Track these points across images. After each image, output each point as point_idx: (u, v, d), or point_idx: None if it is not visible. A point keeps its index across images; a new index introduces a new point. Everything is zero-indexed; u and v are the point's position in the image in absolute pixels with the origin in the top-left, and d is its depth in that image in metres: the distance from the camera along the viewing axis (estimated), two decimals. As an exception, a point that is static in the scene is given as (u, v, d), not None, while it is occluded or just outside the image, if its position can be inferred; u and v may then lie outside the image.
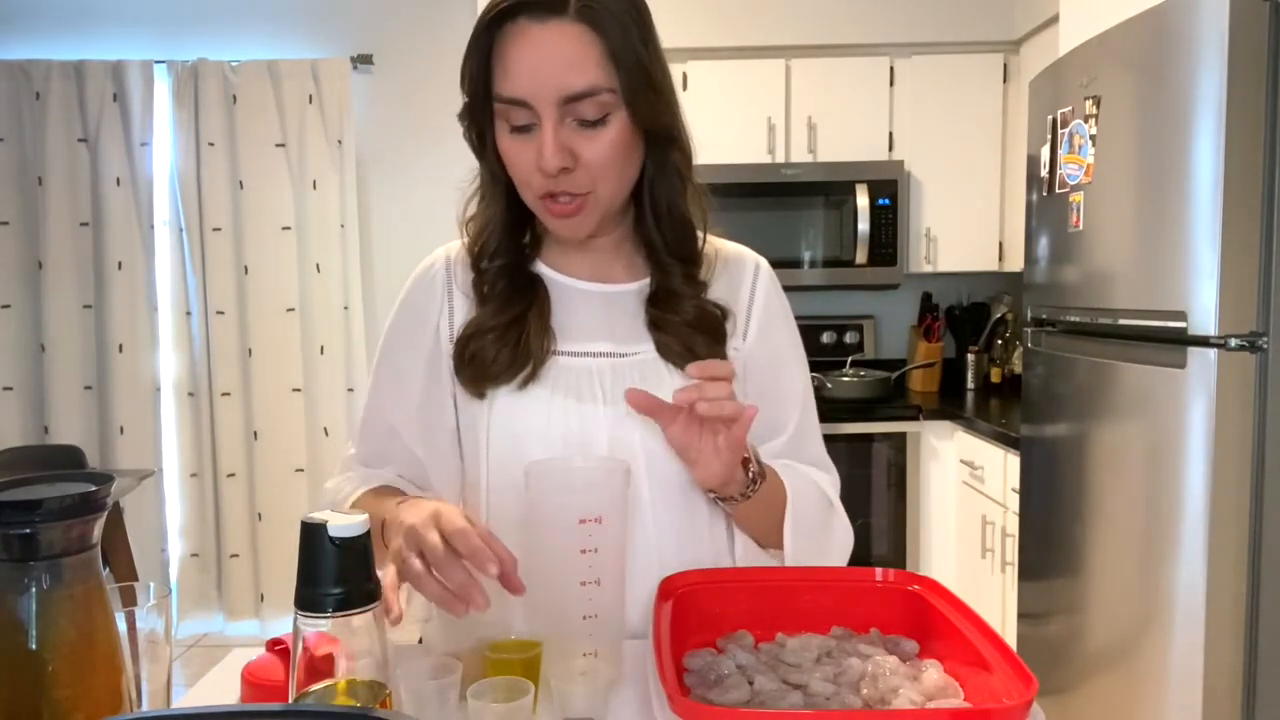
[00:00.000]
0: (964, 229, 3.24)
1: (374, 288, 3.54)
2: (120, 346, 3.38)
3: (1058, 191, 2.01)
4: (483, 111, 0.93)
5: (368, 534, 0.65)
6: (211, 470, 3.46)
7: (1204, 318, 1.56)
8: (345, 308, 3.45)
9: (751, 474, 0.94)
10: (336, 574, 0.63)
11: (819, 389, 3.10)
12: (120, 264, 3.36)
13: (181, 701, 0.89)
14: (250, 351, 3.43)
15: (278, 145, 3.37)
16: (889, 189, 3.13)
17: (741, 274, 1.08)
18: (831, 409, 2.99)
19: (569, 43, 0.87)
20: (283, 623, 3.41)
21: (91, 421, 3.41)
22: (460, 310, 1.04)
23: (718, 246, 1.08)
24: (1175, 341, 1.62)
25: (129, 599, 0.72)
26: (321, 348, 3.45)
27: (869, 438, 3.01)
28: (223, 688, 0.88)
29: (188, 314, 3.43)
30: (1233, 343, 1.55)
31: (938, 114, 3.18)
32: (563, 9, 0.87)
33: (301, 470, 3.45)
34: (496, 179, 0.99)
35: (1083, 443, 1.94)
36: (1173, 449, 1.64)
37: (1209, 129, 1.54)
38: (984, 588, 2.72)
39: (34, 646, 0.60)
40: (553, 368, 0.99)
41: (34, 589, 0.60)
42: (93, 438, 3.40)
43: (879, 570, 0.93)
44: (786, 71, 3.18)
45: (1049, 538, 2.11)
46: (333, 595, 0.63)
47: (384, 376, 1.07)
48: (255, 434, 3.45)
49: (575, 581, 0.84)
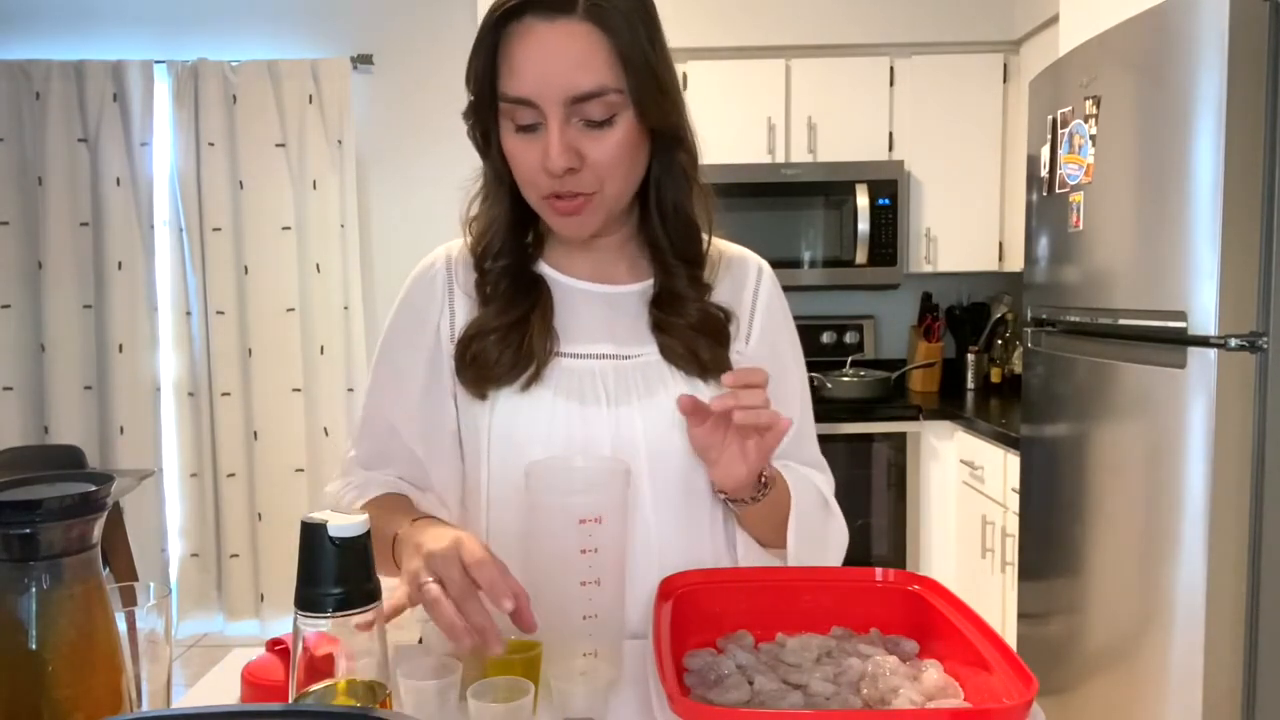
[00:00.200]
0: (964, 229, 3.24)
1: (374, 288, 3.54)
2: (120, 346, 3.38)
3: (1058, 191, 2.01)
4: (488, 110, 0.92)
5: (368, 534, 0.65)
6: (211, 470, 3.46)
7: (1204, 318, 1.56)
8: (345, 308, 3.45)
9: (764, 478, 0.94)
10: (336, 574, 0.63)
11: (819, 389, 3.11)
12: (120, 264, 3.36)
13: (181, 701, 0.89)
14: (250, 351, 3.43)
15: (278, 145, 3.37)
16: (889, 189, 3.13)
17: (745, 276, 1.08)
18: (831, 409, 2.98)
19: (576, 42, 0.86)
20: (283, 623, 3.41)
21: (91, 421, 3.42)
22: (461, 310, 1.03)
23: (721, 248, 1.08)
24: (1175, 341, 1.62)
25: (129, 599, 0.72)
26: (321, 348, 3.45)
27: (869, 438, 3.01)
28: (223, 688, 0.88)
29: (188, 314, 3.43)
30: (1233, 343, 1.55)
31: (938, 114, 3.18)
32: (571, 8, 0.86)
33: (301, 470, 3.45)
34: (500, 178, 0.98)
35: (1083, 443, 1.94)
36: (1173, 449, 1.64)
37: (1209, 129, 1.54)
38: (984, 588, 2.72)
39: (34, 646, 0.60)
40: (555, 369, 0.99)
41: (34, 589, 0.60)
42: (93, 438, 3.40)
43: (879, 570, 0.93)
44: (786, 71, 3.18)
45: (1049, 538, 2.10)
46: (333, 595, 0.63)
47: (384, 376, 1.06)
48: (255, 434, 3.45)
49: (575, 581, 0.84)
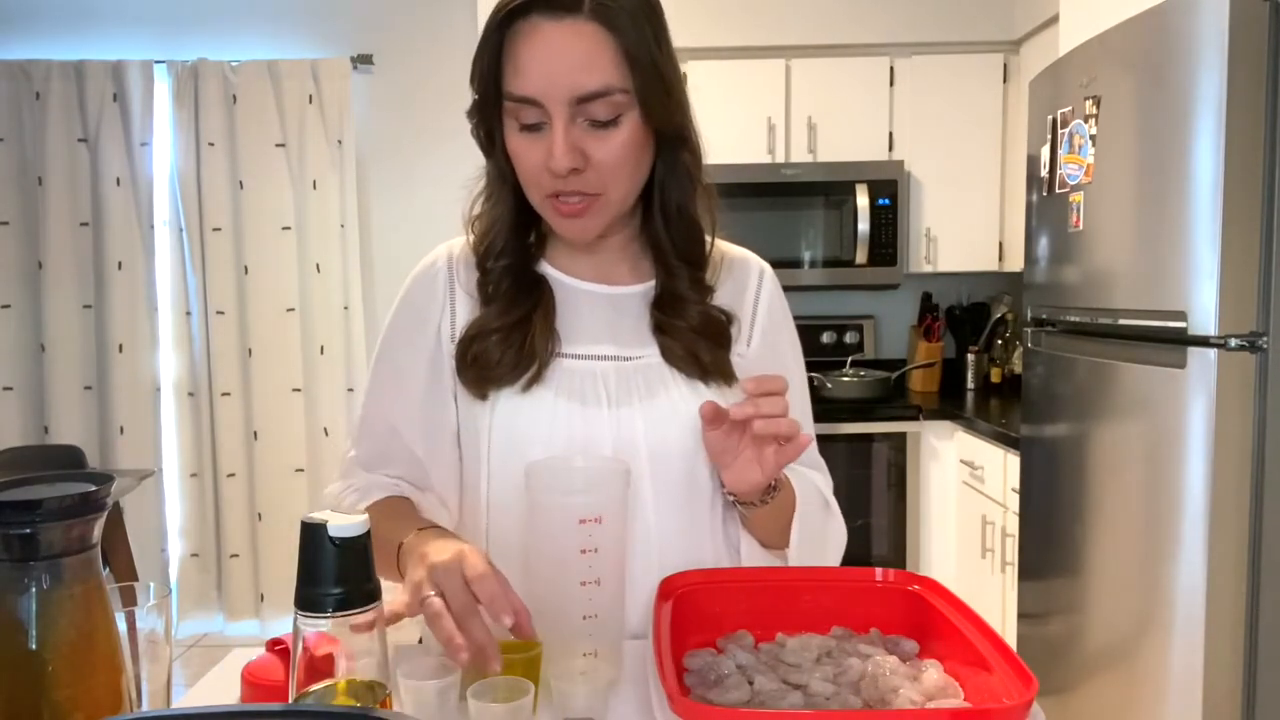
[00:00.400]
0: (964, 229, 3.24)
1: (374, 288, 3.54)
2: (120, 346, 3.38)
3: (1058, 191, 2.01)
4: (492, 109, 0.92)
5: (368, 534, 0.65)
6: (211, 470, 3.46)
7: (1204, 318, 1.56)
8: (345, 308, 3.45)
9: (774, 481, 0.94)
10: (336, 574, 0.63)
11: (819, 389, 3.10)
12: (120, 264, 3.36)
13: (181, 701, 0.89)
14: (250, 351, 3.43)
15: (278, 145, 3.37)
16: (889, 189, 3.13)
17: (746, 279, 1.08)
18: (831, 409, 2.98)
19: (582, 41, 0.86)
20: (283, 623, 3.41)
21: (91, 421, 3.42)
22: (462, 309, 1.02)
23: (723, 250, 1.08)
24: (1175, 341, 1.62)
25: (129, 599, 0.72)
26: (321, 348, 3.45)
27: (869, 438, 3.01)
28: (223, 688, 0.88)
29: (188, 314, 3.43)
30: (1233, 343, 1.55)
31: (938, 114, 3.18)
32: (577, 7, 0.85)
33: (301, 470, 3.45)
34: (504, 178, 0.98)
35: (1083, 443, 1.94)
36: (1173, 449, 1.64)
37: (1209, 129, 1.54)
38: (984, 588, 2.72)
39: (34, 646, 0.60)
40: (556, 370, 0.98)
41: (34, 589, 0.60)
42: (93, 438, 3.40)
43: (879, 570, 0.93)
44: (786, 71, 3.18)
45: (1049, 538, 2.10)
46: (333, 595, 0.63)
47: (384, 375, 1.05)
48: (255, 434, 3.45)
49: (575, 581, 0.84)
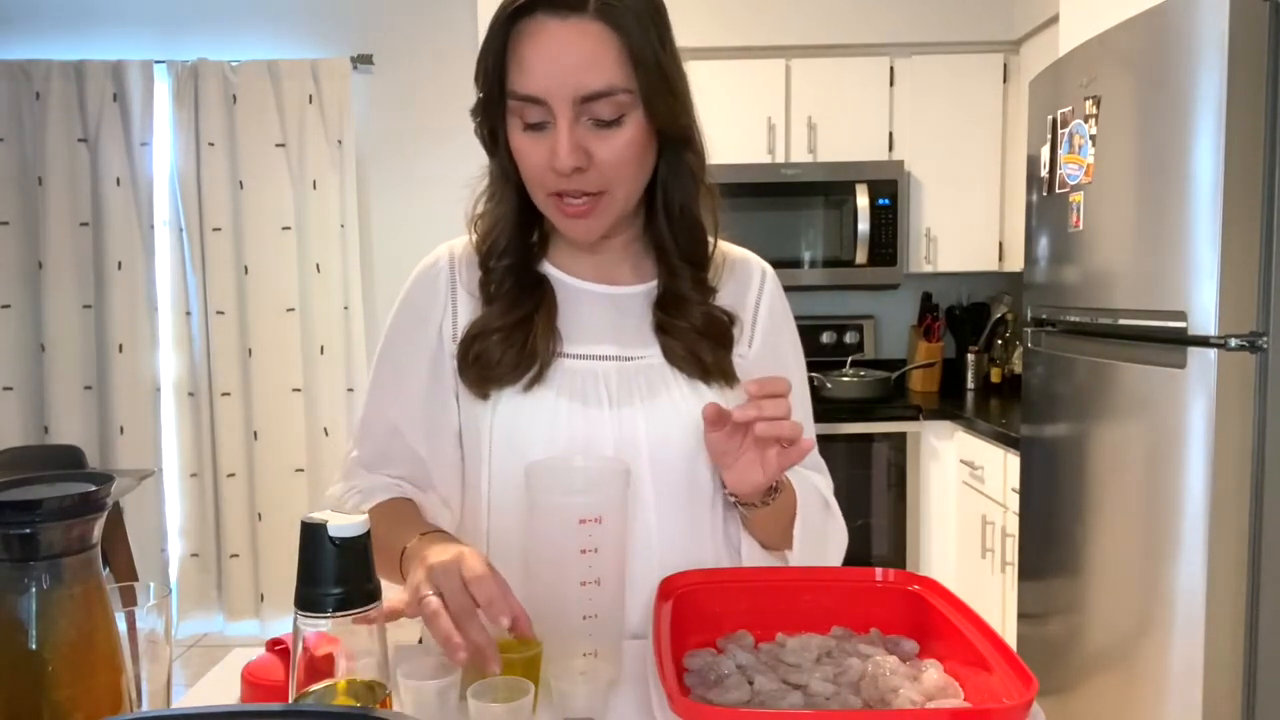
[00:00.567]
0: (964, 229, 3.24)
1: (374, 288, 3.54)
2: (120, 346, 3.38)
3: (1058, 191, 2.01)
4: (496, 108, 0.92)
5: (368, 534, 0.65)
6: (211, 470, 3.46)
7: (1204, 318, 1.56)
8: (345, 308, 3.45)
9: (775, 483, 0.94)
10: (336, 574, 0.63)
11: (819, 389, 3.10)
12: (120, 264, 3.36)
13: (181, 701, 0.89)
14: (250, 351, 3.43)
15: (278, 145, 3.37)
16: (889, 189, 3.13)
17: (748, 280, 1.08)
18: (831, 409, 2.98)
19: (587, 41, 0.86)
20: (283, 623, 3.41)
21: (91, 421, 3.42)
22: (464, 308, 1.02)
23: (725, 251, 1.08)
24: (1175, 341, 1.62)
25: (129, 599, 0.72)
26: (321, 348, 3.45)
27: (869, 438, 3.00)
28: (223, 688, 0.88)
29: (188, 314, 3.43)
30: (1233, 343, 1.55)
31: (938, 114, 3.18)
32: (582, 6, 0.86)
33: (301, 470, 3.45)
34: (507, 176, 0.98)
35: (1083, 443, 1.94)
36: (1173, 449, 1.64)
37: (1209, 129, 1.54)
38: (984, 588, 2.72)
39: (34, 646, 0.60)
40: (558, 370, 0.98)
41: (34, 589, 0.60)
42: (93, 438, 3.40)
43: (879, 570, 0.93)
44: (786, 71, 3.18)
45: (1049, 538, 2.10)
46: (333, 595, 0.63)
47: (385, 376, 1.05)
48: (255, 434, 3.45)
49: (575, 581, 0.84)
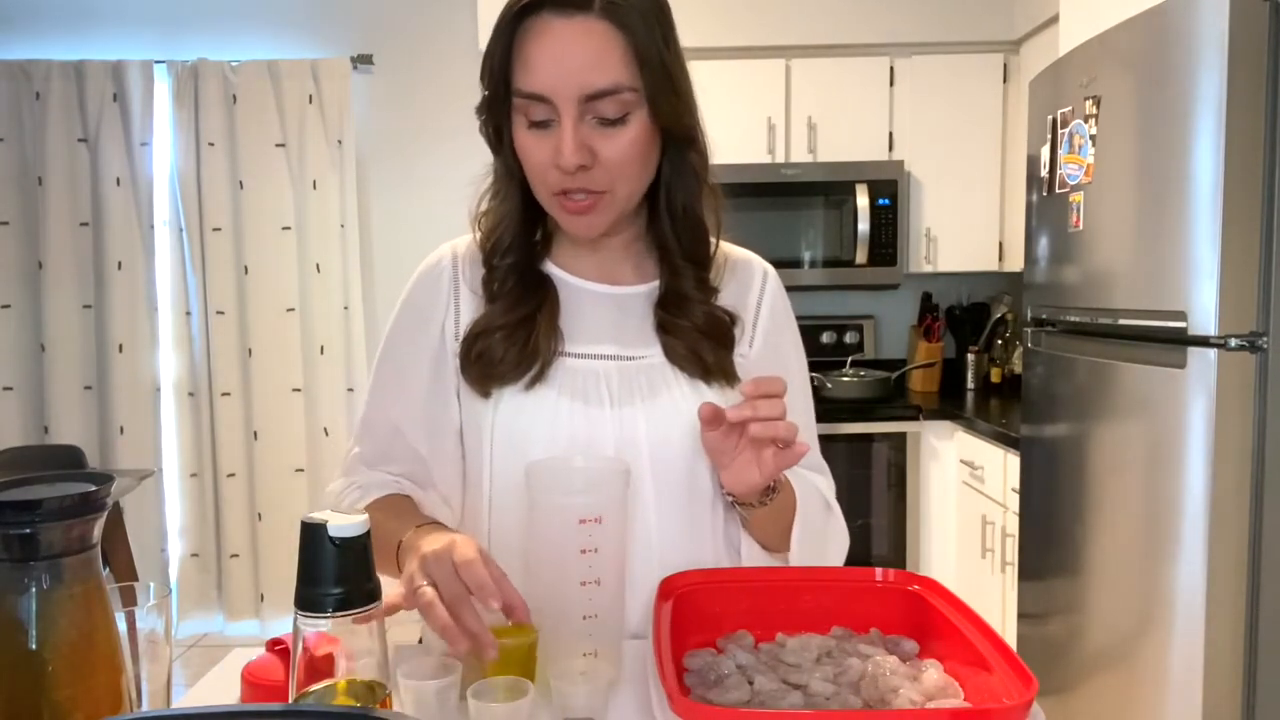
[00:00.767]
0: (964, 229, 3.24)
1: (374, 288, 3.54)
2: (120, 346, 3.38)
3: (1058, 191, 2.01)
4: (501, 106, 0.93)
5: (368, 534, 0.65)
6: (211, 470, 3.46)
7: (1204, 318, 1.56)
8: (345, 308, 3.45)
9: (773, 483, 0.94)
10: (336, 574, 0.63)
11: (819, 389, 3.11)
12: (120, 264, 3.36)
13: (181, 701, 0.89)
14: (250, 351, 3.43)
15: (278, 145, 3.37)
16: (889, 189, 3.13)
17: (750, 280, 1.08)
18: (831, 409, 2.98)
19: (593, 39, 0.87)
20: (283, 623, 3.41)
21: (91, 421, 3.41)
22: (467, 307, 1.03)
23: (726, 252, 1.08)
24: (1175, 341, 1.62)
25: (129, 599, 0.72)
26: (321, 348, 3.45)
27: (869, 438, 3.00)
28: (223, 688, 0.88)
29: (188, 314, 3.43)
30: (1233, 343, 1.55)
31: (938, 114, 3.18)
32: (588, 5, 0.86)
33: (301, 470, 3.45)
34: (511, 174, 0.98)
35: (1083, 443, 1.94)
36: (1173, 449, 1.64)
37: (1209, 129, 1.54)
38: (984, 588, 2.72)
39: (34, 646, 0.60)
40: (559, 369, 0.99)
41: (34, 589, 0.60)
42: (93, 438, 3.40)
43: (879, 570, 0.93)
44: (786, 71, 3.18)
45: (1049, 538, 2.10)
46: (333, 595, 0.63)
47: (387, 374, 1.05)
48: (255, 434, 3.45)
49: (575, 581, 0.84)
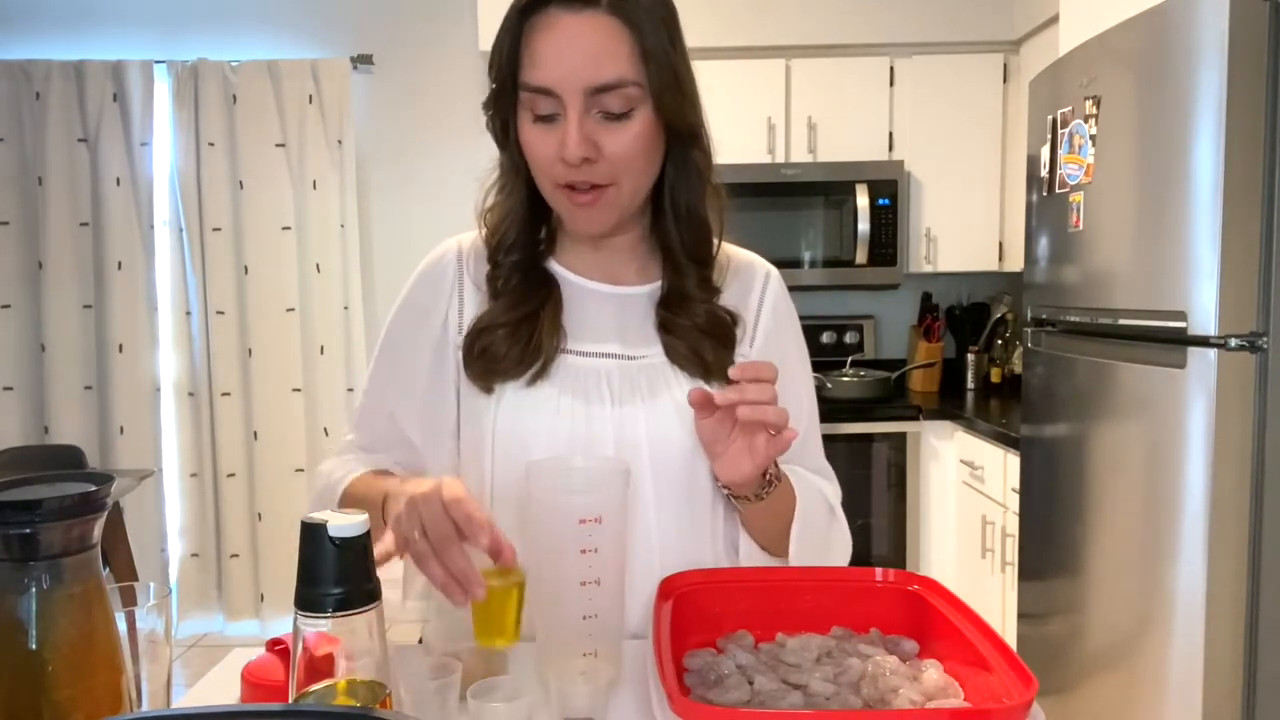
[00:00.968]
0: (964, 229, 3.24)
1: (374, 288, 3.53)
2: (120, 346, 3.38)
3: (1058, 191, 2.01)
4: (508, 100, 0.93)
5: (368, 534, 0.65)
6: (211, 470, 3.46)
7: (1204, 318, 1.56)
8: (345, 308, 3.45)
9: (769, 476, 0.94)
10: (336, 574, 0.63)
11: (819, 389, 3.10)
12: (120, 264, 3.36)
13: (181, 701, 0.89)
14: (250, 351, 3.42)
15: (278, 145, 3.37)
16: (889, 189, 3.13)
17: (752, 281, 1.09)
18: (831, 409, 2.99)
19: (600, 34, 0.88)
20: (283, 623, 3.41)
21: (91, 421, 3.41)
22: (471, 302, 1.03)
23: (729, 253, 1.08)
24: (1175, 341, 1.62)
25: (129, 599, 0.72)
26: (321, 348, 3.45)
27: (869, 438, 3.01)
28: (223, 688, 0.88)
29: (188, 314, 3.43)
30: (1233, 343, 1.55)
31: (938, 114, 3.18)
32: (595, 0, 0.88)
33: (301, 470, 3.44)
34: (517, 169, 0.99)
35: (1083, 443, 1.94)
36: (1173, 449, 1.64)
37: (1209, 129, 1.54)
38: (984, 588, 2.72)
39: (34, 646, 0.60)
40: (561, 366, 0.99)
41: (34, 589, 0.60)
42: (93, 438, 3.40)
43: (879, 570, 0.93)
44: (786, 71, 3.18)
45: (1049, 538, 2.10)
46: (333, 595, 0.63)
47: (386, 363, 1.06)
48: (255, 434, 3.45)
49: (575, 581, 0.84)
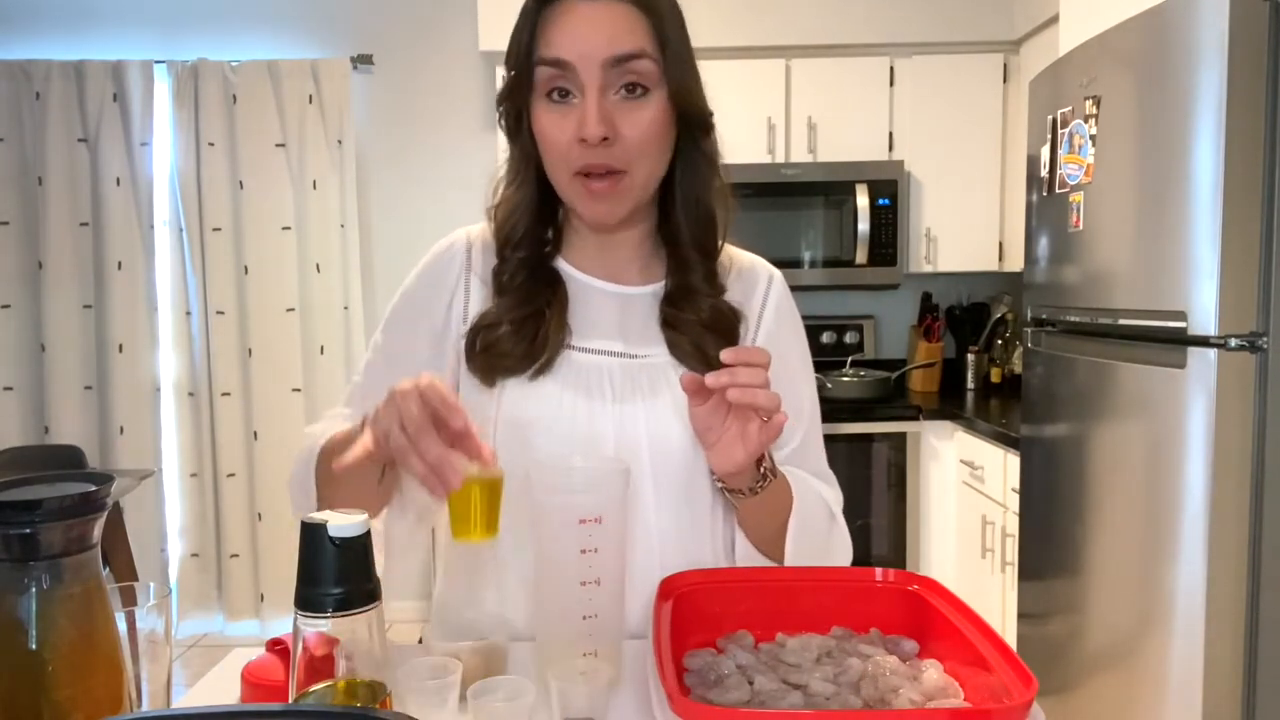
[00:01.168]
0: (964, 229, 3.24)
1: (374, 288, 3.53)
2: (120, 346, 3.38)
3: (1058, 191, 2.01)
4: (524, 87, 0.95)
5: (368, 534, 0.65)
6: (211, 470, 3.46)
7: (1204, 318, 1.56)
8: (345, 308, 3.45)
9: (764, 469, 0.94)
10: (336, 574, 0.63)
11: (819, 389, 3.10)
12: (120, 264, 3.36)
13: (181, 701, 0.89)
14: (250, 351, 3.42)
15: (278, 145, 3.37)
16: (889, 189, 3.13)
17: (754, 283, 1.09)
18: (831, 409, 2.98)
19: (619, 15, 0.91)
20: (283, 623, 3.41)
21: (91, 421, 3.41)
22: (476, 294, 1.03)
23: (732, 255, 1.09)
24: (1175, 341, 1.62)
25: (129, 599, 0.72)
26: (321, 348, 3.45)
27: (869, 438, 3.01)
28: (223, 688, 0.88)
29: (188, 314, 3.43)
30: (1233, 343, 1.55)
31: (938, 114, 3.18)
32: None
33: (301, 470, 3.44)
34: (529, 160, 0.99)
35: (1083, 443, 1.94)
36: (1173, 449, 1.64)
37: (1209, 129, 1.54)
38: (984, 588, 2.72)
39: (34, 646, 0.60)
40: (565, 362, 0.99)
41: (34, 589, 0.60)
42: (93, 438, 3.40)
43: (879, 570, 0.93)
44: (786, 71, 3.18)
45: (1049, 538, 2.10)
46: (333, 595, 0.63)
47: (386, 345, 1.06)
48: (255, 434, 3.45)
49: (575, 581, 0.84)
